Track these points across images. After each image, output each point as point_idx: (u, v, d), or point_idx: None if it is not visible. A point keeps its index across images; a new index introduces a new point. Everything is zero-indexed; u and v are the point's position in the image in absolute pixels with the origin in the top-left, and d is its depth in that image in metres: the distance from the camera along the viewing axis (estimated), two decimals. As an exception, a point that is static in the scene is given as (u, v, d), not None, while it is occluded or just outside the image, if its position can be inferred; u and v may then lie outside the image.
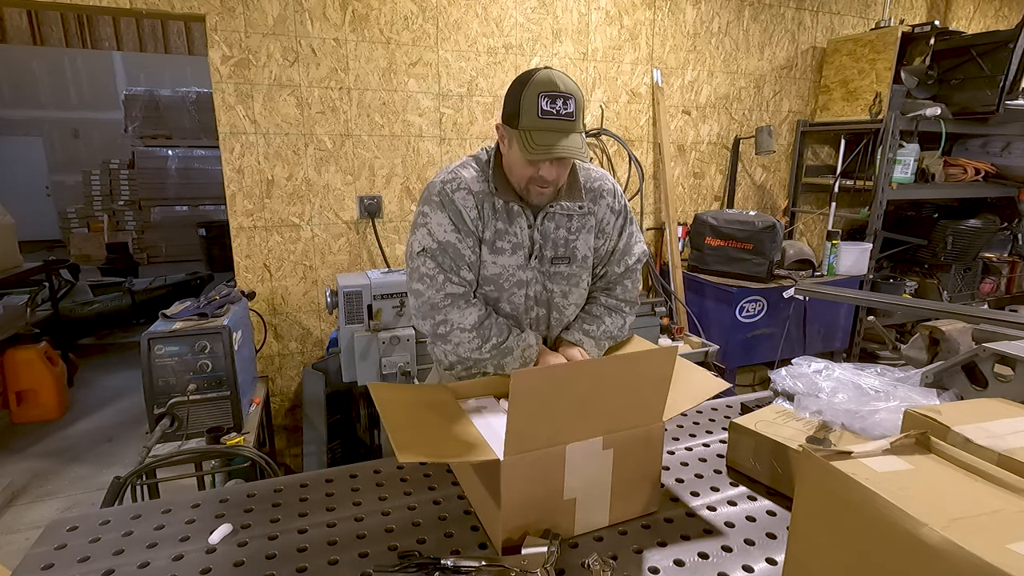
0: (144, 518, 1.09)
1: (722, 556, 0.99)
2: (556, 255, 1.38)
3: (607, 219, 1.43)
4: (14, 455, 3.43)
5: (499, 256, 1.35)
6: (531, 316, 1.42)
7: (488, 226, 1.34)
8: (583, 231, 1.40)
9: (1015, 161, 3.78)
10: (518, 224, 1.35)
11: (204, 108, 7.21)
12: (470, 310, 1.32)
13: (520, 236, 1.35)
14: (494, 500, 0.97)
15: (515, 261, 1.36)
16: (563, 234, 1.38)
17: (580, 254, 1.41)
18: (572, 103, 1.21)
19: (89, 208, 7.86)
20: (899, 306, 2.67)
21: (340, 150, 2.85)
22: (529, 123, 1.21)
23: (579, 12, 3.18)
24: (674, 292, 3.49)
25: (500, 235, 1.34)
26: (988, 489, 0.72)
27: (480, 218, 1.34)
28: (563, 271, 1.40)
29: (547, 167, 1.26)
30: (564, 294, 1.42)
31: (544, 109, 1.19)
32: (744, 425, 1.23)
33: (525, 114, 1.21)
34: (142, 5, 2.43)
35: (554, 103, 1.19)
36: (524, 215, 1.35)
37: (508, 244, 1.35)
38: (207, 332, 2.08)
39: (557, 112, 1.20)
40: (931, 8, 4.27)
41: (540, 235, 1.37)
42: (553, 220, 1.38)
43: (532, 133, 1.21)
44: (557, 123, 1.20)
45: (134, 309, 5.38)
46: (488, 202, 1.34)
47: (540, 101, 1.19)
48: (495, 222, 1.34)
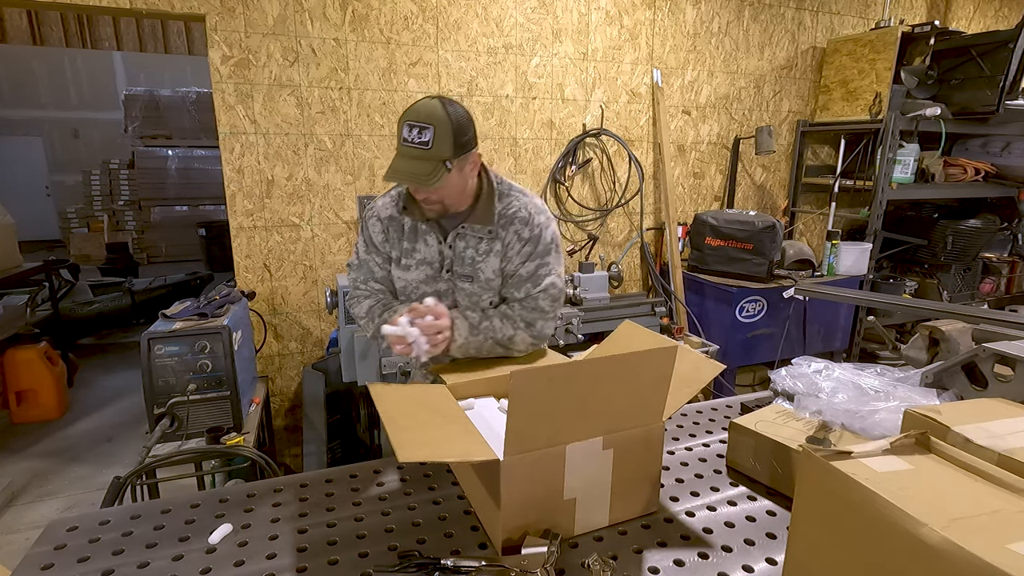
0: (144, 518, 1.09)
1: (722, 556, 0.99)
2: (463, 272, 1.51)
3: (512, 244, 1.50)
4: (14, 455, 3.43)
5: (405, 272, 1.53)
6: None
7: (395, 247, 1.53)
8: (490, 255, 1.49)
9: (1015, 161, 3.78)
10: (423, 241, 1.50)
11: (204, 108, 7.21)
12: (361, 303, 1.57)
13: (425, 252, 1.50)
14: (494, 500, 0.97)
15: (418, 276, 1.52)
16: (471, 254, 1.49)
17: (483, 276, 1.50)
18: (429, 132, 1.29)
19: (89, 208, 7.87)
20: (899, 306, 2.67)
21: (340, 150, 2.85)
22: (398, 147, 1.34)
23: (579, 12, 3.18)
24: (674, 292, 3.49)
25: (406, 253, 1.52)
26: (988, 489, 0.72)
27: (387, 241, 1.53)
28: (466, 288, 1.52)
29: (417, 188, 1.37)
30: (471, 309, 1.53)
31: (404, 136, 1.31)
32: (744, 425, 1.23)
33: (398, 139, 1.33)
34: (142, 5, 2.43)
35: (411, 131, 1.30)
36: (433, 233, 1.49)
37: (413, 261, 1.51)
38: (207, 332, 2.08)
39: (411, 140, 1.30)
40: (931, 8, 4.27)
41: (452, 251, 1.50)
42: (464, 239, 1.49)
43: (394, 158, 1.33)
44: (409, 150, 1.31)
45: (134, 309, 5.38)
46: (395, 225, 1.51)
47: (403, 130, 1.31)
48: (402, 243, 1.52)
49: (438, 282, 1.51)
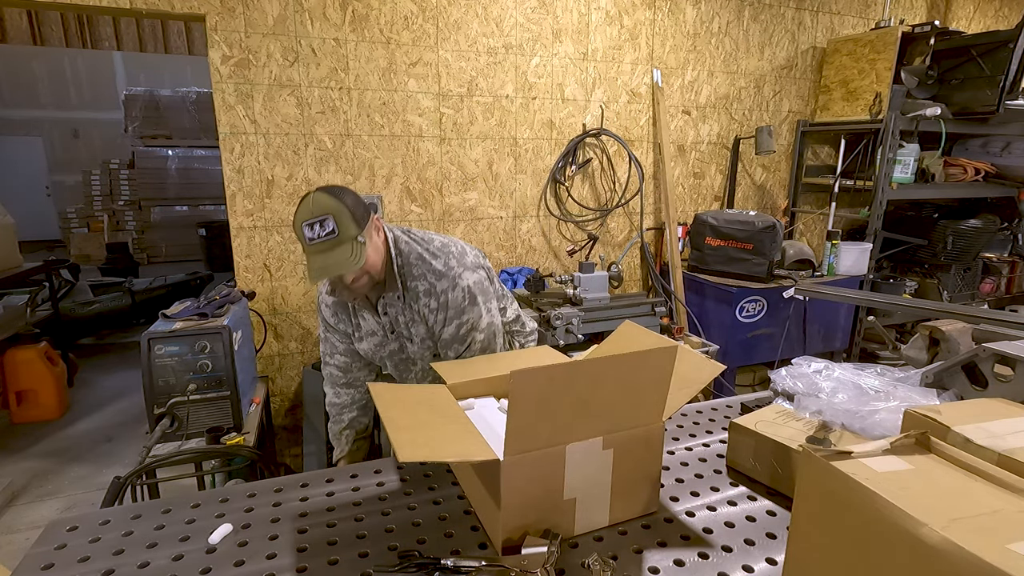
0: (144, 518, 1.09)
1: (722, 556, 0.99)
2: (403, 334, 1.65)
3: (427, 316, 1.60)
4: (14, 455, 3.43)
5: (361, 343, 1.69)
6: (414, 370, 1.73)
7: (347, 324, 1.69)
8: (414, 322, 1.62)
9: (1015, 161, 3.78)
10: (361, 317, 1.66)
11: (204, 108, 7.21)
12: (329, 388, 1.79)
13: (367, 326, 1.66)
14: (494, 500, 0.97)
15: (371, 345, 1.68)
16: (402, 320, 1.62)
17: (418, 337, 1.63)
18: (330, 221, 1.35)
19: (89, 208, 7.86)
20: (899, 306, 2.67)
21: (340, 150, 2.85)
22: (305, 251, 1.40)
23: (579, 12, 3.18)
24: (674, 292, 3.49)
25: (356, 328, 1.68)
26: (988, 489, 0.72)
27: (340, 321, 1.68)
28: (409, 348, 1.66)
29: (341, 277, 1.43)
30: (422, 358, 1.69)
31: (307, 237, 1.36)
32: (744, 425, 1.23)
33: (301, 243, 1.40)
34: (142, 5, 2.43)
35: (312, 229, 1.35)
36: (366, 307, 1.63)
37: (363, 333, 1.67)
38: (207, 332, 2.08)
39: (316, 236, 1.35)
40: (931, 8, 4.27)
41: (388, 318, 1.63)
42: (392, 306, 1.61)
43: (308, 259, 1.39)
44: (321, 245, 1.36)
45: (134, 309, 5.38)
46: (341, 306, 1.66)
47: (304, 231, 1.36)
48: (350, 319, 1.68)
49: (389, 344, 1.67)
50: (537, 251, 3.41)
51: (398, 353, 1.69)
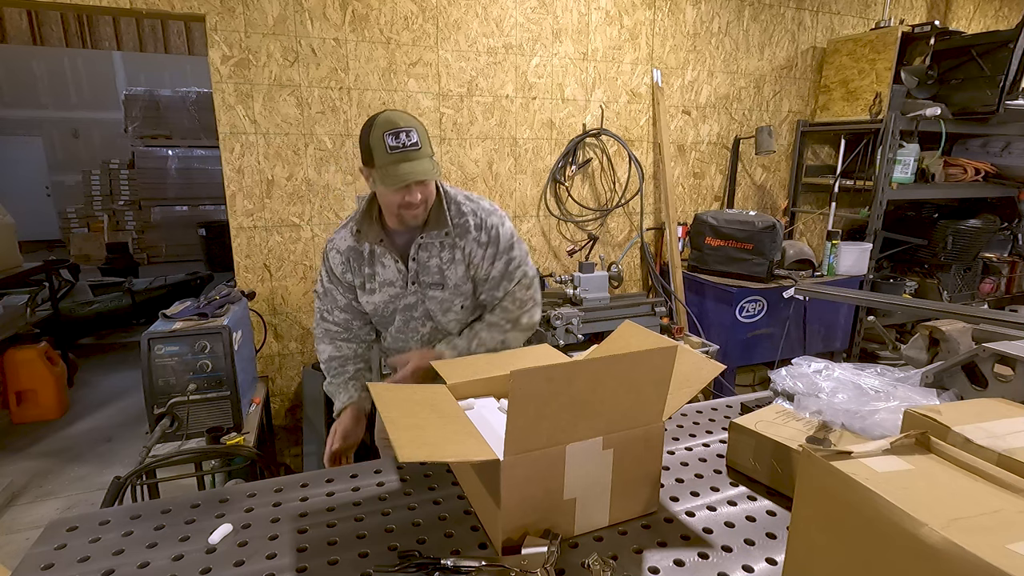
0: (144, 518, 1.09)
1: (722, 556, 0.99)
2: (431, 281, 1.58)
3: (474, 252, 1.58)
4: (14, 455, 3.43)
5: (371, 296, 1.61)
6: (423, 331, 1.65)
7: (356, 275, 1.61)
8: (453, 263, 1.57)
9: (1015, 161, 3.78)
10: (381, 264, 1.58)
11: (204, 108, 7.20)
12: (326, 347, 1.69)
13: (385, 274, 1.58)
14: (494, 500, 0.97)
15: (383, 297, 1.60)
16: (436, 263, 1.56)
17: (452, 282, 1.58)
18: (414, 134, 1.40)
19: (89, 208, 7.86)
20: (899, 306, 2.67)
21: (340, 150, 2.85)
22: (382, 159, 1.40)
23: (579, 12, 3.18)
24: (674, 292, 3.49)
25: (368, 278, 1.60)
26: (988, 489, 0.72)
27: (348, 271, 1.61)
28: (437, 295, 1.59)
29: (411, 192, 1.44)
30: (443, 312, 1.62)
31: (391, 145, 1.38)
32: (744, 425, 1.23)
33: (377, 152, 1.40)
34: (142, 5, 2.43)
35: (397, 138, 1.39)
36: (389, 254, 1.56)
37: (376, 284, 1.59)
38: (207, 332, 2.08)
39: (402, 145, 1.39)
40: (931, 8, 4.27)
41: (416, 263, 1.56)
42: (427, 250, 1.56)
43: (387, 167, 1.39)
44: (404, 154, 1.39)
45: (134, 309, 5.38)
46: (355, 253, 1.59)
47: (386, 139, 1.39)
48: (363, 268, 1.59)
49: (405, 297, 1.59)
50: (537, 251, 3.41)
51: (412, 309, 1.61)
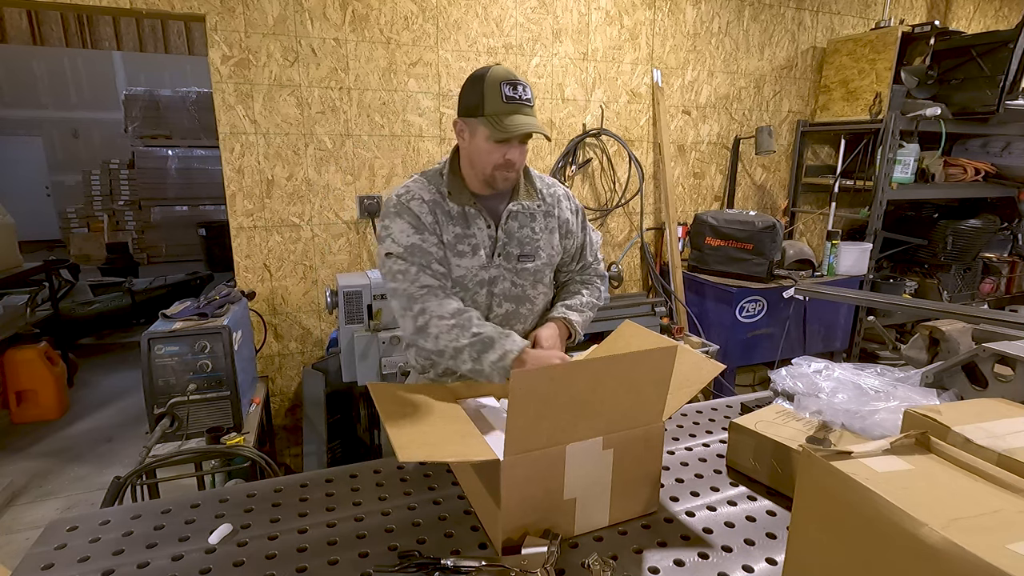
0: (144, 518, 1.09)
1: (722, 556, 0.99)
2: (522, 252, 1.46)
3: (570, 220, 1.54)
4: (14, 455, 3.43)
5: (461, 259, 1.41)
6: (499, 312, 1.47)
7: (446, 230, 1.40)
8: (547, 231, 1.49)
9: (1015, 161, 3.78)
10: (476, 226, 1.42)
11: (204, 108, 7.20)
12: (448, 300, 1.34)
13: (479, 237, 1.42)
14: (494, 500, 0.97)
15: (476, 262, 1.42)
16: (527, 233, 1.46)
17: (545, 253, 1.49)
18: (528, 90, 1.33)
19: (89, 208, 7.85)
20: (899, 306, 2.67)
21: (340, 150, 2.85)
22: (494, 108, 1.29)
23: (579, 12, 3.18)
24: (674, 292, 3.49)
25: (459, 238, 1.40)
26: (988, 489, 0.72)
27: (437, 222, 1.39)
28: (529, 267, 1.47)
29: (513, 149, 1.33)
30: (533, 285, 1.49)
31: (507, 94, 1.29)
32: (744, 425, 1.23)
33: (489, 101, 1.29)
34: (142, 5, 2.43)
35: (515, 89, 1.30)
36: (481, 216, 1.42)
37: (468, 247, 1.41)
38: (207, 332, 2.08)
39: (519, 96, 1.30)
40: (931, 8, 4.27)
41: (504, 234, 1.44)
42: (516, 219, 1.45)
43: (499, 116, 1.29)
44: (520, 106, 1.30)
45: (134, 309, 5.38)
46: (441, 209, 1.40)
47: (503, 88, 1.29)
48: (452, 227, 1.40)
49: (489, 269, 1.43)
50: (537, 251, 3.41)
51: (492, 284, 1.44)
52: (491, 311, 1.46)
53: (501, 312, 1.47)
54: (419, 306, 1.32)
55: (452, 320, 1.30)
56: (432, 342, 1.32)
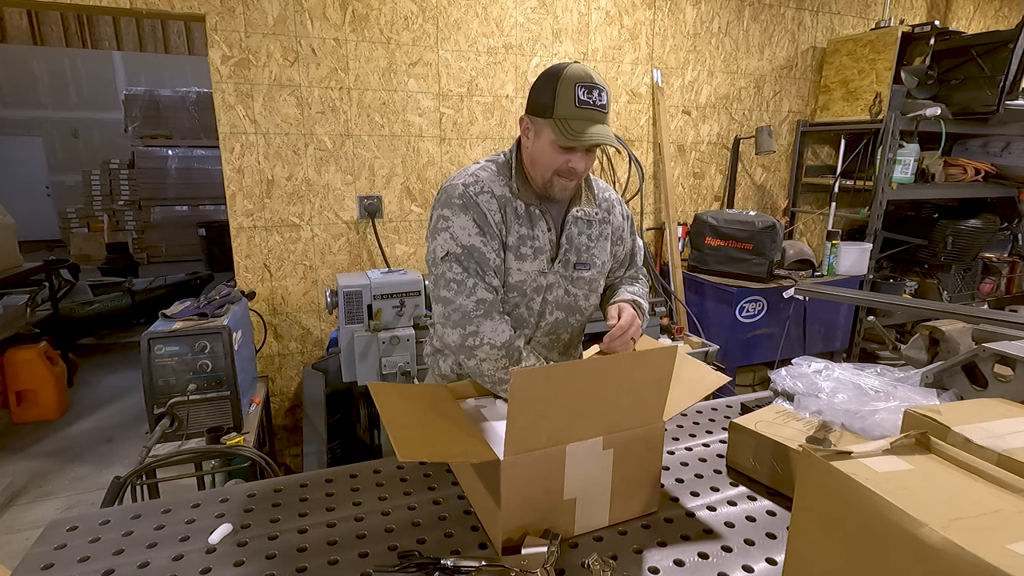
0: (144, 518, 1.09)
1: (722, 556, 0.99)
2: (579, 260, 1.40)
3: (623, 227, 1.50)
4: (14, 455, 3.43)
5: (523, 262, 1.33)
6: (548, 320, 1.41)
7: (511, 231, 1.32)
8: (601, 239, 1.44)
9: (1015, 161, 3.78)
10: (540, 228, 1.34)
11: (204, 108, 7.20)
12: (502, 325, 1.28)
13: (542, 240, 1.34)
14: (494, 500, 0.97)
15: (537, 266, 1.34)
16: (584, 240, 1.41)
17: (599, 260, 1.44)
18: (605, 95, 1.23)
19: (89, 208, 7.86)
20: (899, 306, 2.67)
21: (340, 150, 2.85)
22: (565, 111, 1.21)
23: (579, 12, 3.18)
24: (674, 292, 3.49)
25: (523, 240, 1.32)
26: (988, 489, 0.72)
27: (504, 222, 1.31)
28: (585, 276, 1.42)
29: (578, 157, 1.26)
30: (586, 296, 1.44)
31: (581, 99, 1.20)
32: (744, 425, 1.23)
33: (561, 103, 1.21)
34: (142, 5, 2.43)
35: (590, 93, 1.21)
36: (545, 219, 1.35)
37: (530, 249, 1.33)
38: (207, 332, 2.08)
39: (593, 102, 1.21)
40: (931, 8, 4.27)
41: (566, 240, 1.37)
42: (576, 226, 1.39)
43: (569, 121, 1.21)
44: (592, 113, 1.22)
45: (134, 309, 5.38)
46: (510, 206, 1.32)
47: (577, 91, 1.20)
48: (518, 227, 1.32)
49: (547, 275, 1.36)
50: (537, 251, 3.41)
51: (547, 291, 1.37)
52: (543, 318, 1.41)
53: (551, 320, 1.41)
54: (472, 327, 1.26)
55: (502, 351, 1.26)
56: (475, 364, 1.28)
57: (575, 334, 1.50)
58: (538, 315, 1.39)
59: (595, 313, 1.54)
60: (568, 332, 1.47)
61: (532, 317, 1.39)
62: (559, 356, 1.49)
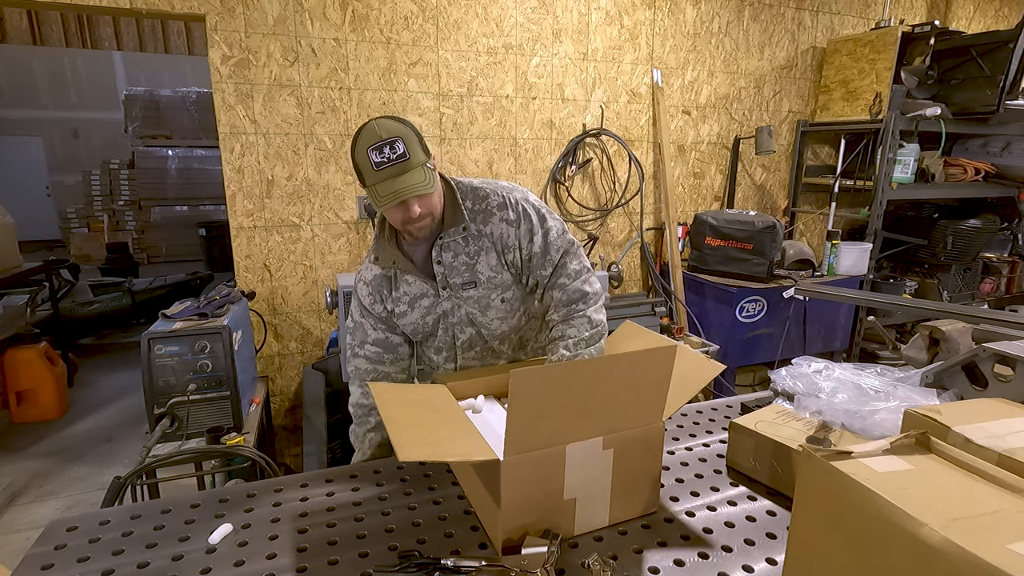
0: (144, 518, 1.09)
1: (722, 556, 0.99)
2: (463, 281, 1.46)
3: (505, 233, 1.43)
4: (14, 455, 3.43)
5: (403, 318, 1.50)
6: (463, 337, 1.53)
7: (387, 303, 1.50)
8: (481, 254, 1.44)
9: (1015, 161, 3.78)
10: (405, 282, 1.47)
11: (204, 108, 7.21)
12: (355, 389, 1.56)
13: (412, 290, 1.47)
14: (494, 500, 0.97)
15: (419, 312, 1.49)
16: (463, 259, 1.44)
17: (483, 276, 1.46)
18: (400, 144, 1.26)
19: (89, 208, 7.86)
20: (899, 306, 2.67)
21: (340, 150, 2.85)
22: (370, 179, 1.28)
23: (579, 12, 3.18)
24: (674, 292, 3.49)
25: (397, 302, 1.49)
26: (988, 489, 0.72)
27: (377, 301, 1.49)
28: (472, 295, 1.47)
29: (409, 207, 1.30)
30: (482, 311, 1.49)
31: (375, 161, 1.26)
32: (744, 425, 1.23)
33: (365, 172, 1.28)
34: (142, 5, 2.43)
35: (381, 152, 1.26)
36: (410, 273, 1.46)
37: (405, 305, 1.48)
38: (207, 332, 2.08)
39: (388, 159, 1.26)
40: (931, 8, 4.27)
41: (442, 267, 1.44)
42: (449, 250, 1.43)
43: (376, 186, 1.27)
44: (391, 169, 1.26)
45: (134, 309, 5.38)
46: (383, 282, 1.48)
47: (370, 156, 1.26)
48: (391, 295, 1.49)
49: (440, 304, 1.47)
50: (537, 251, 3.41)
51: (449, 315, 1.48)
52: (456, 339, 1.53)
53: (464, 338, 1.53)
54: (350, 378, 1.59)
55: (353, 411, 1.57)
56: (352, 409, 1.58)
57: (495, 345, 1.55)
58: (452, 338, 1.53)
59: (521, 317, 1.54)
60: (498, 341, 1.54)
61: (448, 343, 1.54)
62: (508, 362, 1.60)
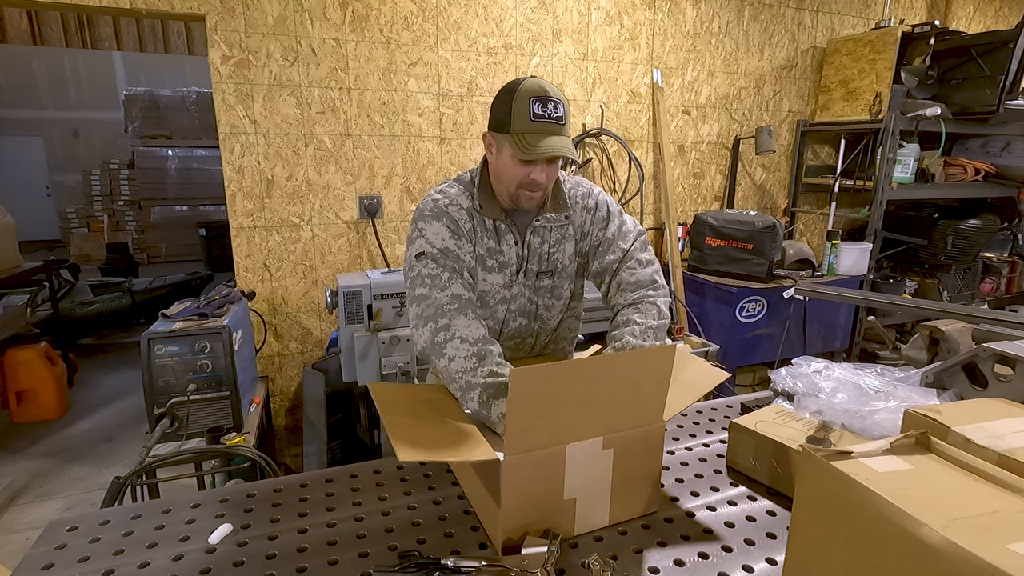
0: (144, 518, 1.09)
1: (722, 556, 0.99)
2: (541, 269, 1.43)
3: (585, 220, 1.46)
4: (14, 455, 3.43)
5: (489, 274, 1.39)
6: (512, 326, 1.47)
7: (480, 242, 1.37)
8: (563, 241, 1.45)
9: (1015, 161, 3.78)
10: (506, 242, 1.39)
11: (204, 108, 7.20)
12: (476, 323, 1.22)
13: (508, 253, 1.40)
14: (494, 500, 0.97)
15: (501, 279, 1.40)
16: (546, 248, 1.43)
17: (561, 264, 1.45)
18: (561, 107, 1.25)
19: (89, 208, 7.86)
20: (899, 306, 2.67)
21: (340, 150, 2.85)
22: (521, 126, 1.24)
23: (579, 12, 3.18)
24: (674, 292, 3.48)
25: (491, 253, 1.38)
26: (988, 489, 0.72)
27: (474, 231, 1.37)
28: (547, 284, 1.45)
29: (539, 169, 1.29)
30: (548, 306, 1.47)
31: (536, 112, 1.23)
32: (744, 425, 1.23)
33: (516, 118, 1.24)
34: (142, 5, 2.43)
35: (544, 107, 1.24)
36: (511, 232, 1.39)
37: (496, 262, 1.39)
38: (207, 332, 2.08)
39: (548, 115, 1.24)
40: (931, 8, 4.27)
41: (527, 250, 1.41)
42: (538, 234, 1.42)
43: (525, 135, 1.24)
44: (548, 125, 1.24)
45: (134, 309, 5.38)
46: (477, 219, 1.38)
47: (531, 105, 1.23)
48: (486, 239, 1.38)
49: (511, 287, 1.41)
50: (537, 251, 3.41)
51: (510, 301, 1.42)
52: (506, 325, 1.46)
53: (514, 326, 1.47)
54: (445, 320, 1.20)
55: (473, 348, 1.18)
56: (444, 363, 1.19)
57: (541, 338, 1.53)
58: (501, 323, 1.45)
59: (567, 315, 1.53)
60: (532, 336, 1.51)
61: (496, 325, 1.45)
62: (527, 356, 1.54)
